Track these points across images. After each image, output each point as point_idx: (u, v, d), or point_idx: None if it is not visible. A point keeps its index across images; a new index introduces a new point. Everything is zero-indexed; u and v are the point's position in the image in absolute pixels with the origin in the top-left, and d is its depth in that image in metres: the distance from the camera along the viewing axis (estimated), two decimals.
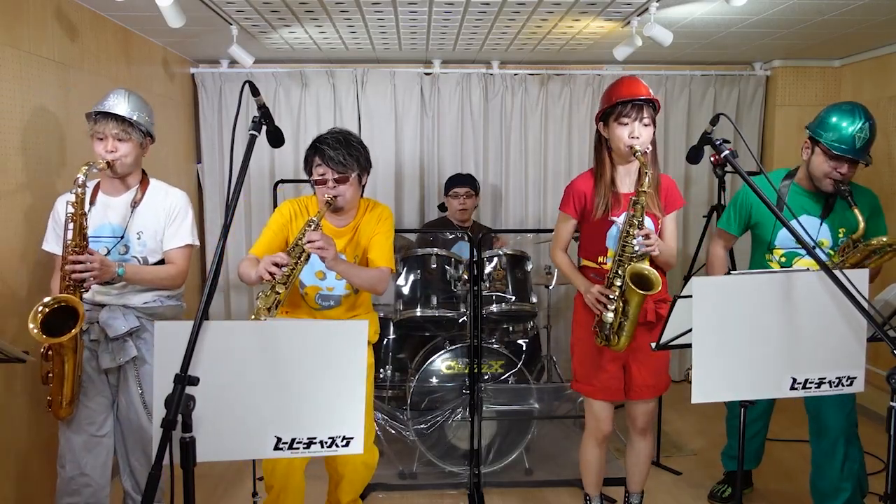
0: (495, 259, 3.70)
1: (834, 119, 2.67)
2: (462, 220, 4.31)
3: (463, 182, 4.30)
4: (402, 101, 5.04)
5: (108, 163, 2.56)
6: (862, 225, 2.61)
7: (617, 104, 2.50)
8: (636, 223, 2.46)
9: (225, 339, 1.64)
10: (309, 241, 2.37)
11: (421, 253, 3.69)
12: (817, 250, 1.85)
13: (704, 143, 2.19)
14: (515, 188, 5.17)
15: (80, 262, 2.41)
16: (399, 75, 5.00)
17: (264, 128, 1.91)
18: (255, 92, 1.87)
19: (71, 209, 2.46)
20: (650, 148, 2.52)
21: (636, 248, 2.45)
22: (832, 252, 2.74)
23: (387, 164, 5.07)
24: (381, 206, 2.79)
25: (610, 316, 2.49)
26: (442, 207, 4.44)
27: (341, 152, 2.57)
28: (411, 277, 3.66)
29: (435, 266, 3.65)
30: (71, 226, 2.46)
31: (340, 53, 4.70)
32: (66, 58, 3.25)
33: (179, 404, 1.48)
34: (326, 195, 2.56)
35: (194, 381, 1.51)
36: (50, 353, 2.44)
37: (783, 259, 2.87)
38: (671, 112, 5.13)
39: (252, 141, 1.83)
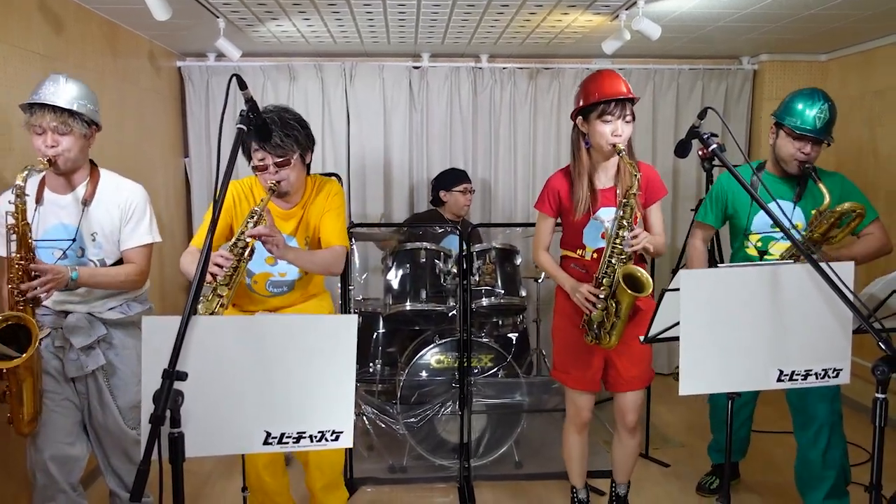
0: (484, 253, 3.70)
1: (795, 104, 2.81)
2: (463, 215, 4.32)
3: (467, 177, 4.34)
4: (390, 94, 5.02)
5: (49, 160, 2.32)
6: (827, 198, 2.67)
7: (599, 102, 2.49)
8: (626, 225, 2.47)
9: (213, 333, 1.63)
10: (252, 235, 2.24)
11: (410, 247, 3.69)
12: (792, 232, 1.88)
13: (692, 137, 2.19)
14: (504, 182, 5.18)
15: (30, 284, 2.25)
16: (388, 69, 4.98)
17: (252, 121, 1.89)
18: (242, 85, 1.85)
19: (11, 220, 2.25)
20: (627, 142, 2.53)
21: (626, 249, 2.46)
22: (804, 232, 2.79)
23: (375, 158, 5.05)
24: (329, 181, 2.66)
25: (599, 314, 2.50)
26: (435, 202, 4.40)
27: (278, 134, 2.37)
28: (401, 271, 3.66)
29: (424, 260, 3.65)
30: (14, 237, 2.26)
31: (329, 47, 4.68)
32: (51, 51, 3.21)
33: (168, 400, 1.47)
34: (269, 181, 2.41)
35: (183, 377, 1.50)
36: (5, 371, 2.28)
37: (759, 244, 2.91)
38: (659, 106, 5.15)
39: (239, 135, 1.82)
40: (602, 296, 2.50)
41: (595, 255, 2.63)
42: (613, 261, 2.48)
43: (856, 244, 2.82)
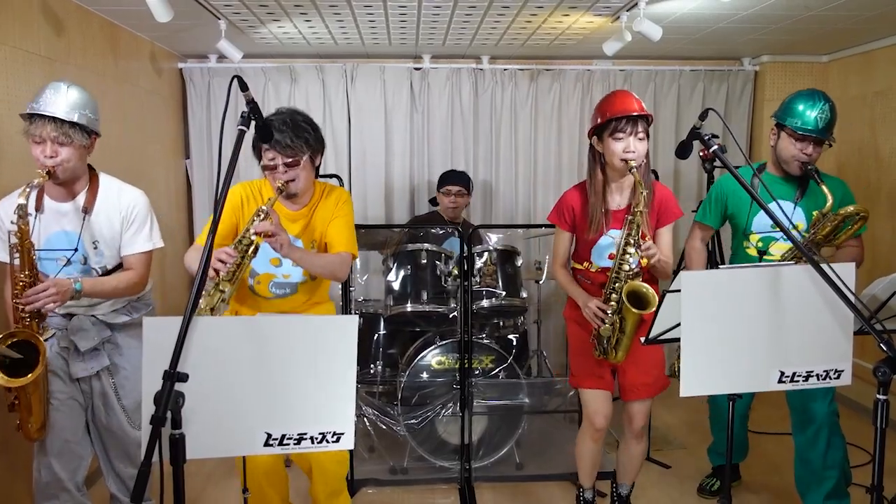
0: (485, 254, 3.70)
1: (796, 104, 2.83)
2: (452, 217, 4.31)
3: (456, 180, 4.29)
4: (391, 96, 5.03)
5: (48, 171, 2.30)
6: (830, 199, 2.69)
7: (611, 120, 2.49)
8: (632, 242, 2.47)
9: (214, 335, 1.63)
10: (257, 232, 2.25)
11: (411, 248, 3.69)
12: (793, 232, 1.89)
13: (693, 139, 2.19)
14: (505, 183, 5.18)
15: (36, 296, 2.25)
16: (389, 70, 4.98)
17: (253, 123, 1.90)
18: (243, 87, 1.85)
19: (14, 239, 2.26)
20: (644, 161, 2.52)
21: (633, 266, 2.47)
22: (806, 234, 2.80)
23: (376, 160, 5.06)
24: (338, 189, 2.66)
25: (607, 329, 2.51)
26: (433, 202, 4.43)
27: (288, 134, 2.40)
28: (402, 273, 3.66)
29: (425, 261, 3.65)
30: (17, 254, 2.26)
31: (330, 48, 4.68)
32: (52, 52, 3.22)
33: (169, 401, 1.47)
34: (278, 181, 2.43)
35: (183, 378, 1.51)
36: (12, 387, 2.29)
37: (760, 244, 2.92)
38: (660, 107, 5.15)
39: (241, 136, 1.82)
40: (610, 312, 2.51)
41: (600, 269, 2.65)
42: (621, 276, 2.49)
43: (837, 254, 2.86)
